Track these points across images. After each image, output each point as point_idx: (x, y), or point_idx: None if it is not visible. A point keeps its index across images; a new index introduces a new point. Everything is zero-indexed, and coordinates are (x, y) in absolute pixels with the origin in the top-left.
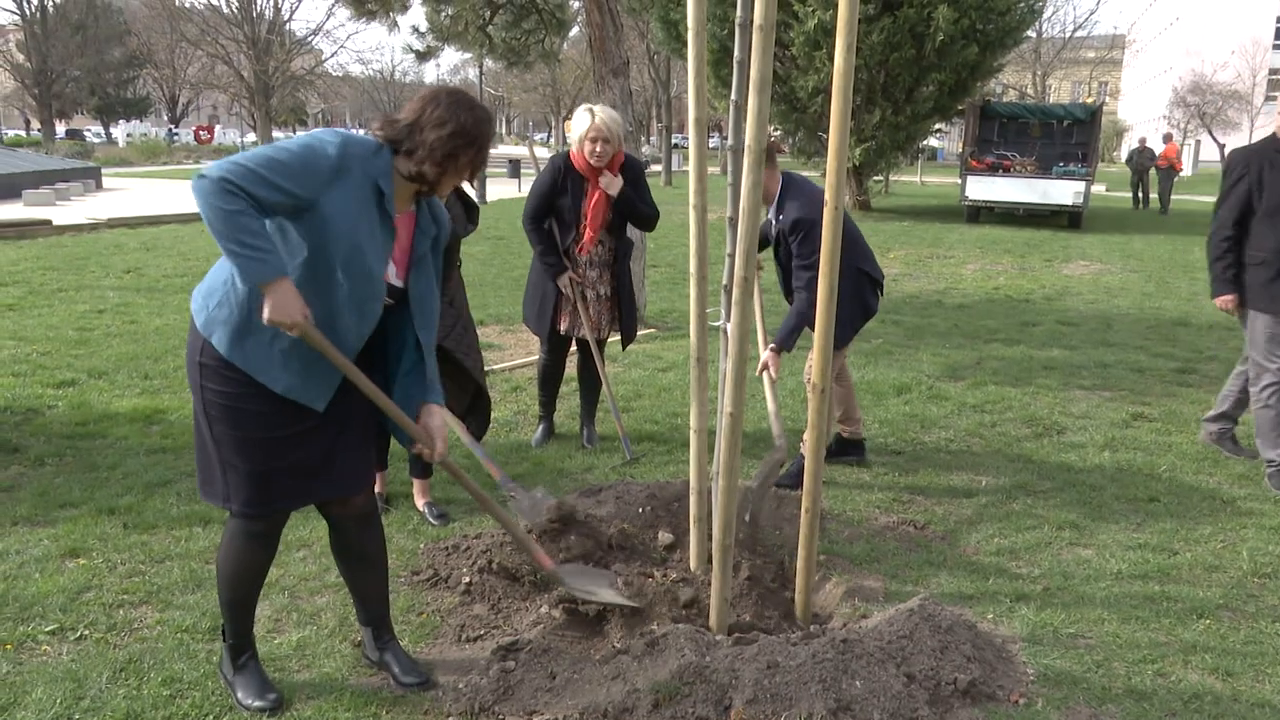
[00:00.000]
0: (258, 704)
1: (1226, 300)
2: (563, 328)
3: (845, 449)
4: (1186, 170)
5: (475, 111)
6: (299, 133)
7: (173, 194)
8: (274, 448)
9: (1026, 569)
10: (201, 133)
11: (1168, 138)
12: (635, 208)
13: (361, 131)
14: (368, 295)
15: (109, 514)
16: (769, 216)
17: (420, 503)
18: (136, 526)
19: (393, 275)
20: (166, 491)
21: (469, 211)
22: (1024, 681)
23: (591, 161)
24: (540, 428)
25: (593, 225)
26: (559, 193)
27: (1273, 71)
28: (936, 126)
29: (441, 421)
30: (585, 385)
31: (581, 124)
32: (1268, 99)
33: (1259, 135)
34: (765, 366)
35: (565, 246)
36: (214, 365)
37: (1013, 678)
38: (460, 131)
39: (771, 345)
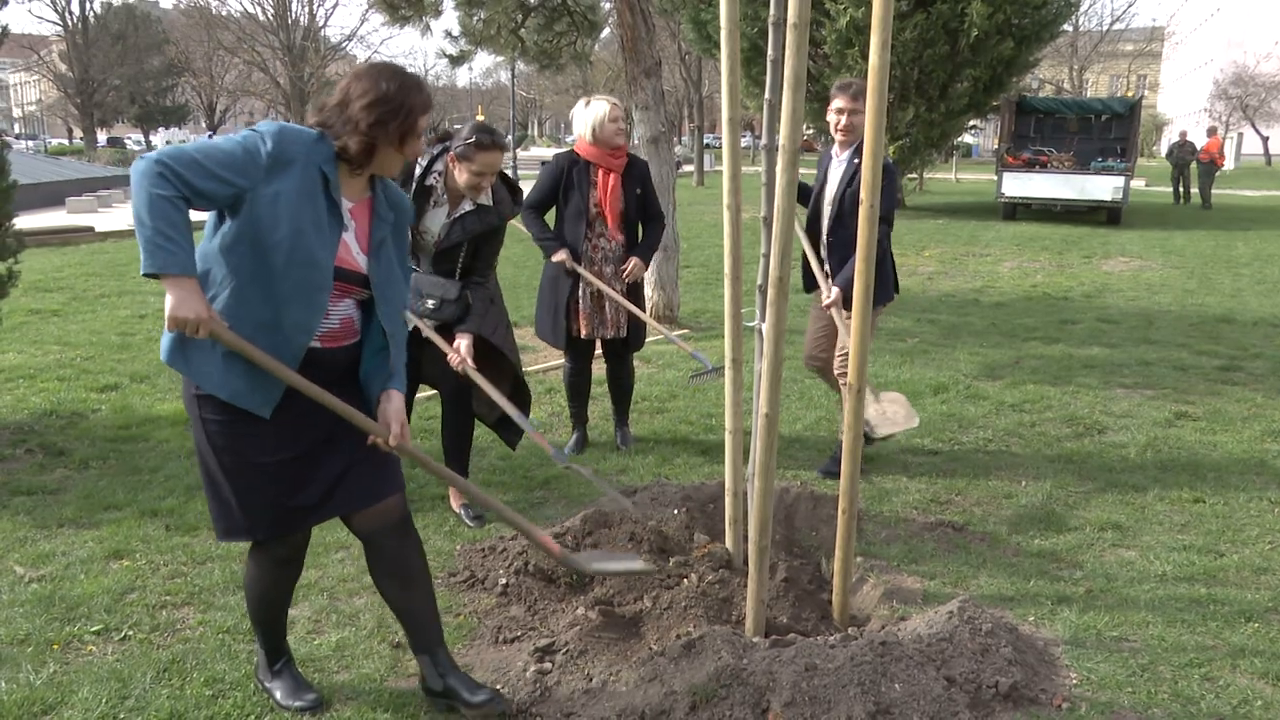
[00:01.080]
0: (298, 704)
1: None
2: (583, 332)
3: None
4: (1229, 164)
5: (399, 79)
6: None
7: None
8: (286, 468)
9: (1068, 571)
10: None
11: (1211, 131)
12: (647, 207)
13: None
14: (314, 285)
15: (152, 516)
16: (835, 157)
17: (456, 505)
18: (179, 528)
19: (364, 265)
20: None
21: (513, 194)
22: (1066, 686)
23: (616, 142)
24: (574, 437)
25: (611, 211)
26: (567, 187)
27: None
28: (971, 123)
29: (400, 407)
30: (615, 389)
31: (598, 109)
32: None
33: None
34: (834, 304)
35: (575, 244)
36: (207, 395)
37: (1055, 681)
38: (382, 99)
39: (837, 285)
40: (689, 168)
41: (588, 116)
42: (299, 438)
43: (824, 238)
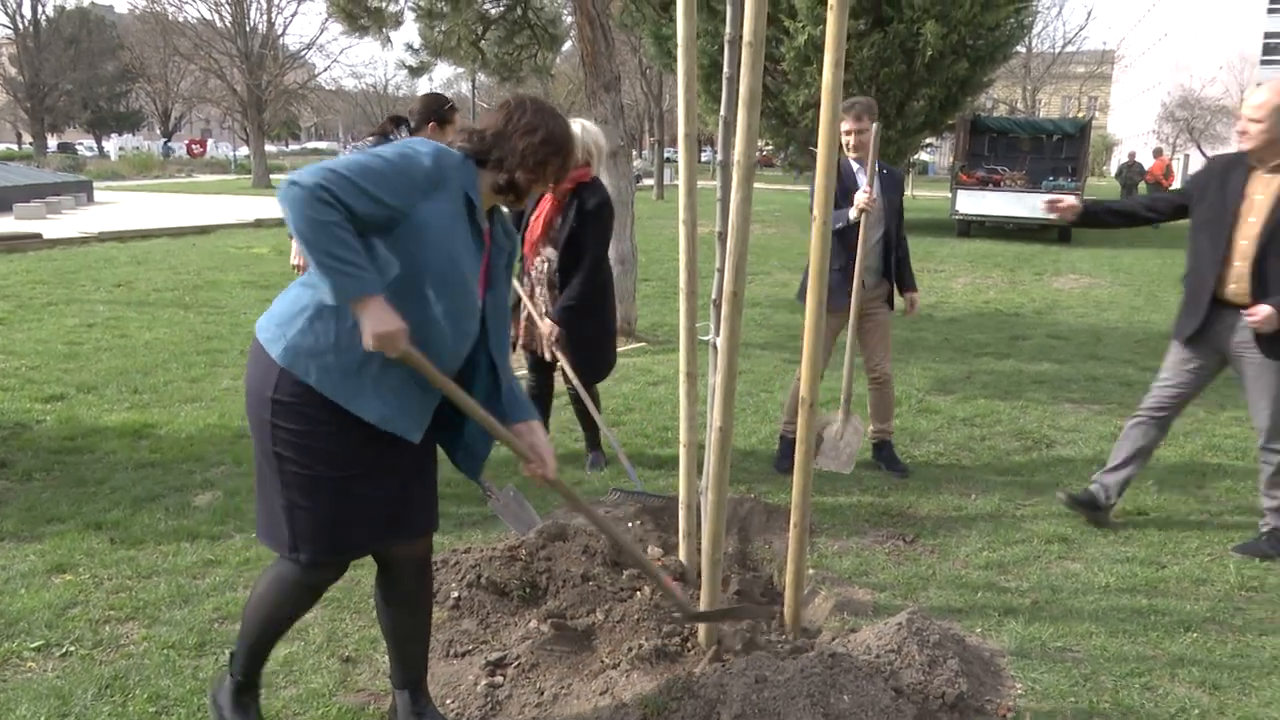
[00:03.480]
0: None
1: None
2: (520, 339)
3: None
4: (1176, 184)
5: (560, 119)
6: (291, 146)
7: (164, 207)
8: (349, 487)
9: (1015, 582)
10: (194, 146)
11: (1157, 152)
12: (580, 245)
13: (353, 146)
14: (464, 312)
15: (96, 529)
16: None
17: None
18: (124, 542)
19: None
20: (155, 506)
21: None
22: (1012, 696)
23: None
24: None
25: (529, 236)
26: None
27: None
28: (927, 141)
29: (545, 439)
30: (575, 408)
31: None
32: None
33: None
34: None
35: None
36: (290, 401)
37: (1001, 692)
38: (550, 138)
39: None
40: (649, 181)
41: None
42: (370, 458)
43: (880, 248)
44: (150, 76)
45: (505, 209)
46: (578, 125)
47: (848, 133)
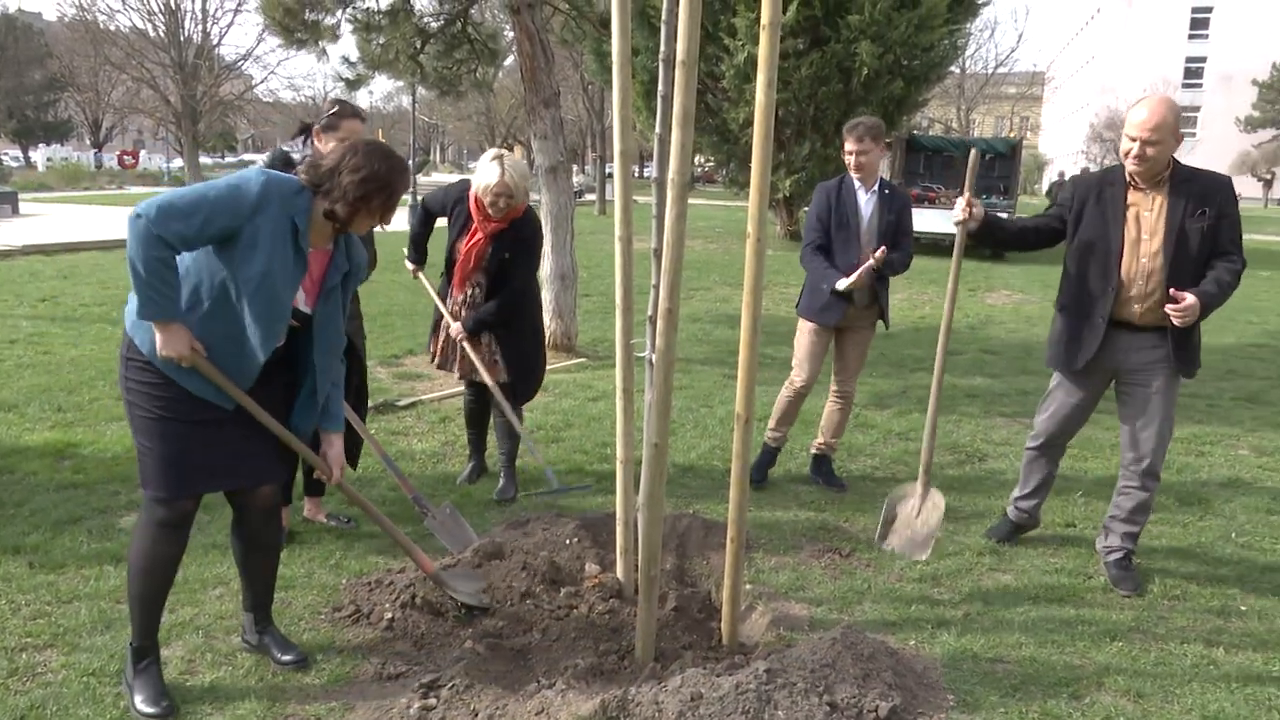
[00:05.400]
0: (151, 710)
1: None
2: (437, 360)
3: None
4: None
5: (389, 161)
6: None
7: (93, 220)
8: (188, 433)
9: (948, 595)
10: (126, 157)
11: (1084, 172)
12: (508, 271)
13: (263, 158)
14: (274, 316)
15: (14, 553)
16: (860, 190)
17: (320, 516)
18: (43, 566)
19: (302, 302)
20: (77, 529)
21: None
22: (944, 708)
23: (490, 212)
24: (469, 465)
25: (462, 267)
26: (449, 221)
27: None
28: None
29: (339, 451)
30: (496, 430)
31: (489, 176)
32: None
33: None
34: None
35: (449, 283)
36: (135, 359)
37: (933, 704)
38: (373, 177)
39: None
40: (591, 196)
41: (479, 175)
42: (208, 409)
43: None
44: (80, 86)
45: (363, 232)
46: (498, 164)
47: (849, 153)
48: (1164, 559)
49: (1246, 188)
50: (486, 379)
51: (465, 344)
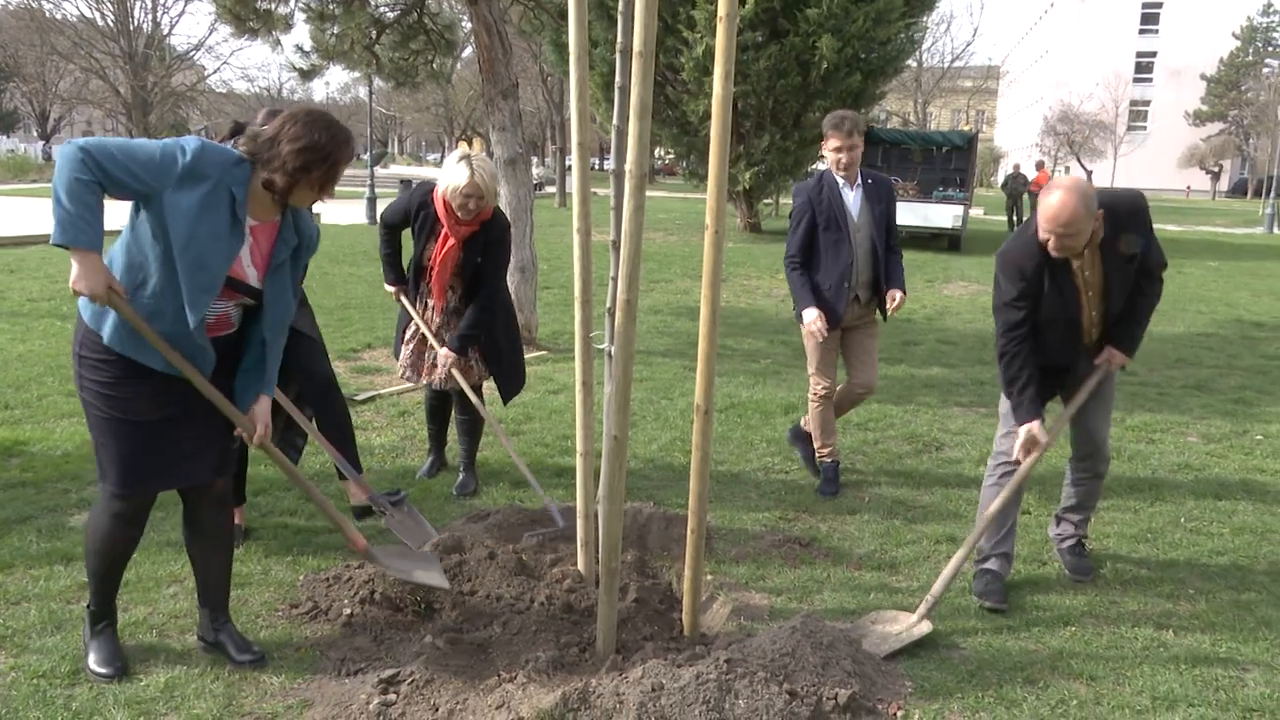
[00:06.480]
0: (103, 670)
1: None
2: (407, 373)
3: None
4: None
5: (331, 131)
6: None
7: (41, 213)
8: (142, 432)
9: (906, 582)
10: None
11: (1040, 165)
12: (485, 275)
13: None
14: (201, 285)
15: None
16: (843, 186)
17: (364, 498)
18: None
19: (253, 278)
20: (25, 528)
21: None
22: (902, 694)
23: (460, 215)
24: (429, 460)
25: (439, 277)
26: (415, 226)
27: (1134, 103)
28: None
29: (266, 409)
30: (457, 425)
31: (458, 177)
32: (1129, 129)
33: (1121, 163)
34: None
35: (419, 289)
36: (90, 356)
37: (892, 690)
38: (312, 147)
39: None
40: (551, 189)
41: (446, 177)
42: (160, 409)
43: (867, 261)
44: (25, 76)
45: (309, 207)
46: (466, 165)
47: (837, 149)
48: (1116, 544)
49: (1195, 180)
50: (463, 384)
51: (455, 370)
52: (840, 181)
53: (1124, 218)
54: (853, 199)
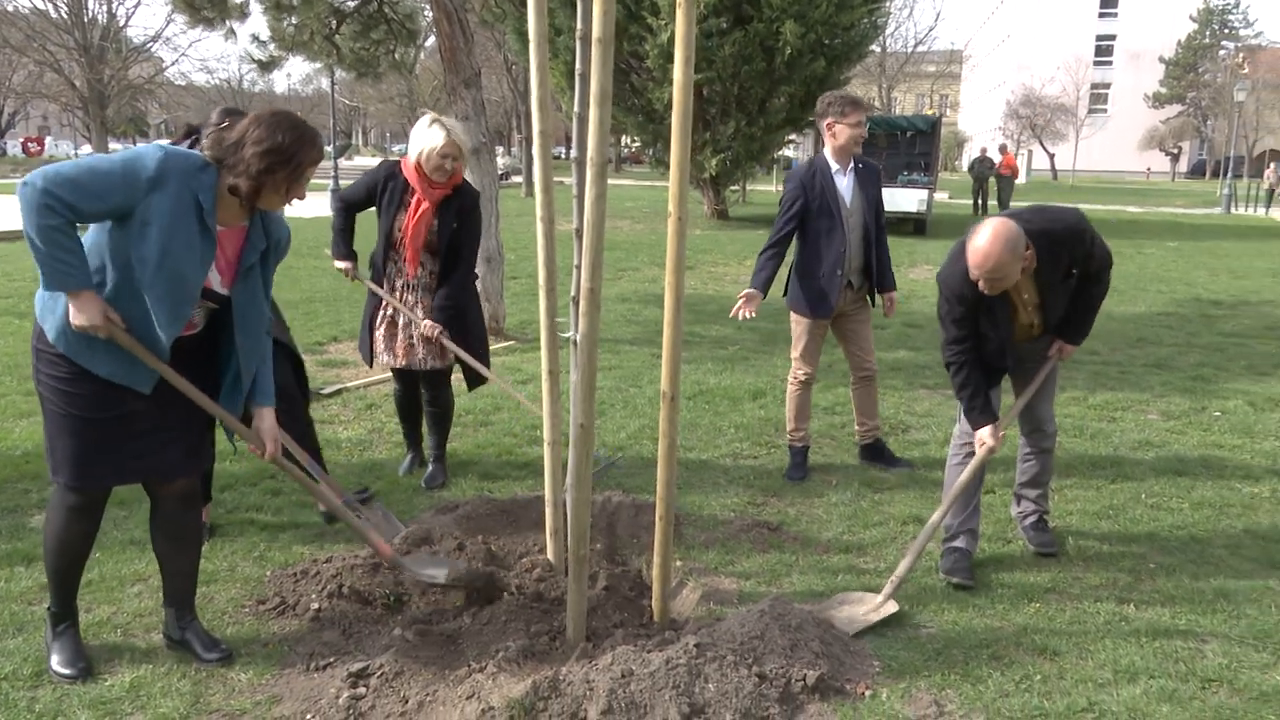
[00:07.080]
0: (66, 671)
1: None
2: (384, 358)
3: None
4: (1022, 179)
5: (295, 132)
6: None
7: None
8: (97, 428)
9: (873, 564)
10: (31, 144)
11: (1003, 149)
12: (460, 246)
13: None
14: (180, 298)
15: None
16: (834, 170)
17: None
18: None
19: (217, 283)
20: None
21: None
22: (870, 674)
23: (435, 178)
24: (408, 458)
25: (412, 243)
26: (383, 201)
27: (1094, 86)
28: (790, 137)
29: (272, 424)
30: (426, 416)
31: (433, 138)
32: (1090, 111)
33: (1083, 145)
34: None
35: (379, 261)
36: (45, 351)
37: (860, 670)
38: (275, 149)
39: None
40: (518, 178)
41: (420, 140)
42: (116, 405)
43: (859, 248)
44: None
45: (280, 209)
46: (440, 126)
47: (856, 125)
48: (1078, 521)
49: (1155, 162)
50: (456, 350)
51: (444, 339)
52: (834, 167)
53: (1062, 239)
54: (845, 185)
